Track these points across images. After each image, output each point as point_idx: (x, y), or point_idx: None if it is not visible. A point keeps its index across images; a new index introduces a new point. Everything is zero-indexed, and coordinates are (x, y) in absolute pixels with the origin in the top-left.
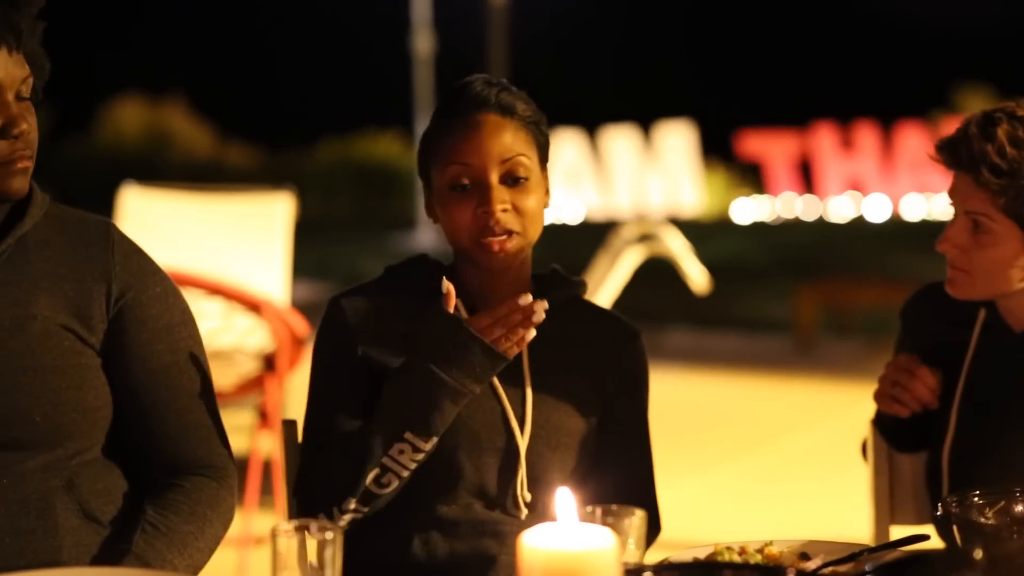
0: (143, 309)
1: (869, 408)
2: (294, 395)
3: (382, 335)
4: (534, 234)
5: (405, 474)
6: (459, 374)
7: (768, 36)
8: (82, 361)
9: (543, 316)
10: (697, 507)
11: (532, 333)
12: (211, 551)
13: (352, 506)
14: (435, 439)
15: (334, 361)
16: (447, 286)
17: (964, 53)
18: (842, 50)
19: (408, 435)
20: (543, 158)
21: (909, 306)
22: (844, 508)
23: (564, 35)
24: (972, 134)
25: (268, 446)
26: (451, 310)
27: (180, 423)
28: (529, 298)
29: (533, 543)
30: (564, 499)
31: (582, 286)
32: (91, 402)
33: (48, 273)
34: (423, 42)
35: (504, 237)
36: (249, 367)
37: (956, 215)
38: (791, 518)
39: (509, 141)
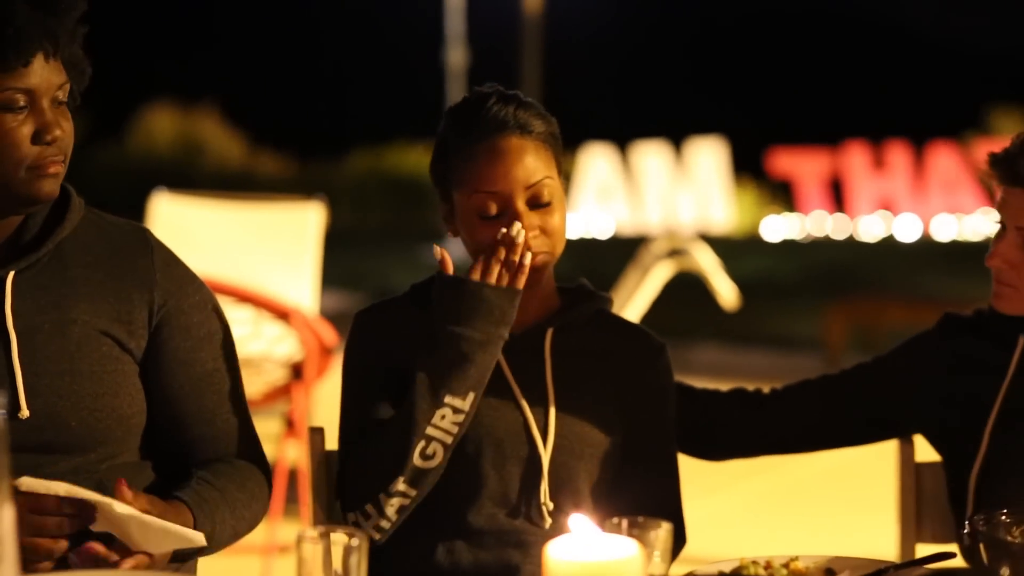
0: (186, 317)
1: None
2: (321, 404)
3: (407, 345)
4: (560, 249)
5: (449, 441)
6: (480, 323)
7: (801, 54)
8: (120, 367)
9: (524, 234)
10: (722, 523)
11: (529, 256)
12: (250, 528)
13: (401, 487)
14: (473, 395)
15: (364, 367)
16: (439, 251)
17: (997, 74)
18: (875, 69)
19: (447, 398)
20: (560, 166)
21: (952, 317)
22: (869, 526)
23: (597, 51)
24: None
25: (294, 454)
26: (450, 274)
27: (226, 426)
28: (503, 230)
29: (558, 555)
30: (581, 518)
31: (608, 301)
32: (126, 409)
33: (88, 278)
34: (456, 55)
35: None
36: (277, 375)
37: (1006, 230)
38: (816, 535)
39: (532, 164)
